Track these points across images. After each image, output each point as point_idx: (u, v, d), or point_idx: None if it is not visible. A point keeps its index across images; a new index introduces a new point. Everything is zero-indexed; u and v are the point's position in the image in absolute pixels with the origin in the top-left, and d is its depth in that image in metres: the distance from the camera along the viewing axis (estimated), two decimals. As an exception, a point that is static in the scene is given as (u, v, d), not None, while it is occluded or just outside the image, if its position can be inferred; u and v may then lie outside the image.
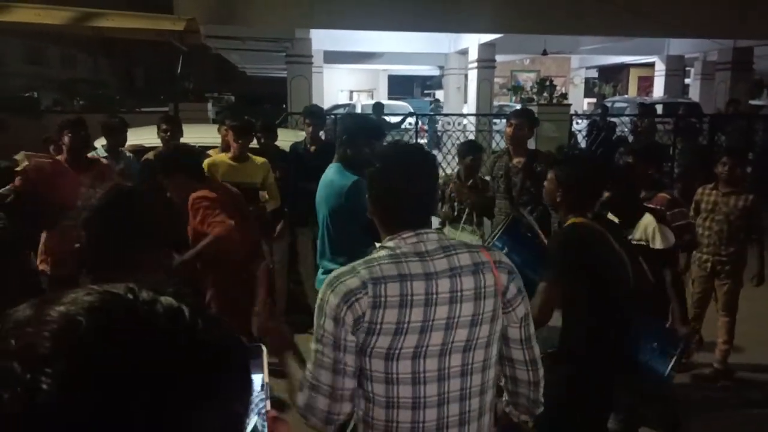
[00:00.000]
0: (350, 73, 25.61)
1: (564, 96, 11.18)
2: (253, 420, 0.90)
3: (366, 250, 3.30)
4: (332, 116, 10.04)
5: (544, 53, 16.15)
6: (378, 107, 12.42)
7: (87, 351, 0.50)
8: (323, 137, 6.11)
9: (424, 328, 1.63)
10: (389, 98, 23.90)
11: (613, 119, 11.90)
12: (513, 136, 4.85)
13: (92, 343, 0.50)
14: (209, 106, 9.93)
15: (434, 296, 1.64)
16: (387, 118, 11.93)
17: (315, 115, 5.74)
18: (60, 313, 0.52)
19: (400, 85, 28.58)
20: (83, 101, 11.45)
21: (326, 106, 16.99)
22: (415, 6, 11.22)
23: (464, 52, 15.97)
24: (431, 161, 1.89)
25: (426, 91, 30.03)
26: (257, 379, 0.94)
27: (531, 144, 5.70)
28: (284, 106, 15.96)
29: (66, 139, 4.34)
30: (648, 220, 3.63)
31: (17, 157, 2.82)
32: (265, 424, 0.95)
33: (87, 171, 4.36)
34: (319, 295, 1.67)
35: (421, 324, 1.62)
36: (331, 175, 3.41)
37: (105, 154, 5.40)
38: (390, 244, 1.73)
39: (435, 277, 1.65)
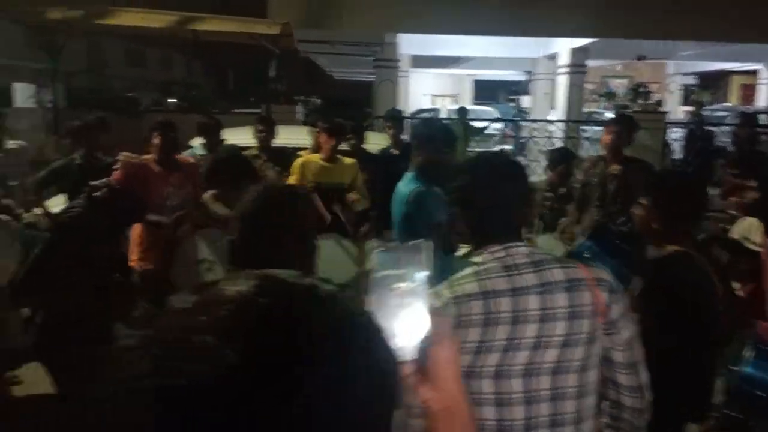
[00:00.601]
0: (434, 77, 25.56)
1: (659, 103, 10.71)
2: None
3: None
4: (414, 120, 10.04)
5: (639, 58, 15.53)
6: (462, 111, 12.32)
7: (265, 326, 0.54)
8: (405, 140, 6.13)
9: (509, 347, 1.54)
10: (474, 103, 23.68)
11: (711, 128, 11.28)
12: (611, 144, 4.66)
13: (269, 318, 0.54)
14: (298, 108, 10.15)
15: (522, 313, 1.55)
16: (472, 123, 11.81)
17: (395, 118, 5.78)
18: (237, 293, 0.57)
19: (484, 91, 28.26)
20: (180, 102, 11.94)
21: (411, 110, 17.02)
22: (506, 10, 11.04)
23: (554, 57, 15.59)
24: (520, 172, 1.79)
25: (511, 97, 29.58)
26: (420, 274, 0.92)
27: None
28: (368, 109, 16.12)
29: (156, 140, 4.49)
30: (751, 220, 3.42)
31: (120, 157, 2.99)
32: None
33: (175, 171, 4.52)
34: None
35: (506, 342, 1.53)
36: (401, 182, 3.44)
37: (202, 153, 5.60)
38: (477, 259, 1.65)
39: (523, 293, 1.56)
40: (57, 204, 4.53)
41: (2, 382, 3.75)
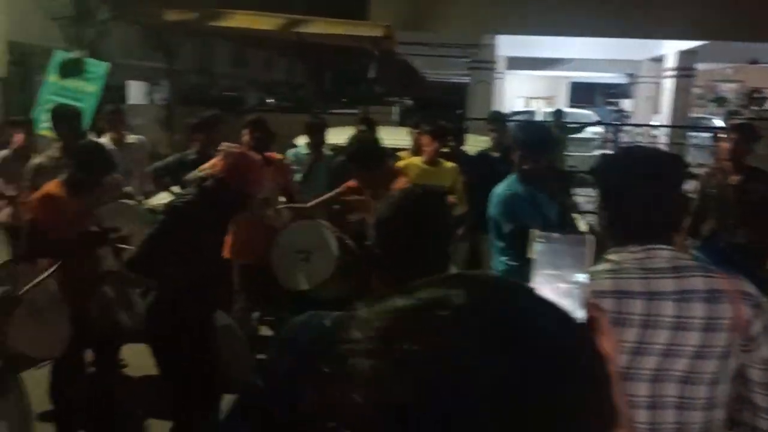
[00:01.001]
0: (529, 79, 25.07)
1: (777, 109, 10.05)
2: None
3: (502, 265, 3.27)
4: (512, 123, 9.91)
5: (752, 62, 14.63)
6: (558, 114, 12.06)
7: (522, 337, 0.49)
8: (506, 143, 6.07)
9: (637, 350, 1.49)
10: (570, 106, 23.06)
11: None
12: (730, 152, 4.44)
13: (524, 328, 0.49)
14: (395, 109, 10.25)
15: (654, 319, 1.49)
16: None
17: (499, 120, 5.71)
18: (461, 299, 0.51)
19: (581, 93, 27.44)
20: (283, 102, 12.34)
21: (505, 113, 16.78)
22: (611, 11, 10.70)
23: (659, 59, 14.96)
24: (673, 170, 1.68)
25: (609, 100, 28.56)
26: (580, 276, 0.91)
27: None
28: (459, 111, 16.03)
29: (246, 137, 4.66)
30: None
31: (221, 148, 3.11)
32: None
33: (265, 166, 4.72)
34: None
35: (636, 346, 1.49)
36: (500, 185, 3.41)
37: (306, 152, 5.77)
38: (614, 257, 1.60)
39: (658, 298, 1.50)
40: (166, 198, 4.81)
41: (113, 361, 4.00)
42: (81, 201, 3.55)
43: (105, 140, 5.44)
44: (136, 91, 15.85)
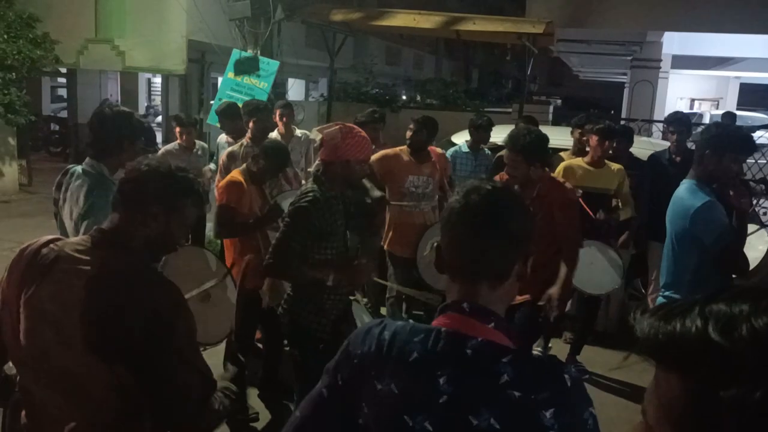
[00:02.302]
0: (693, 79, 23.33)
1: None
2: None
3: (707, 282, 2.92)
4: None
5: None
6: (729, 117, 11.11)
7: None
8: (690, 147, 5.68)
9: None
10: (738, 109, 21.18)
11: None
12: None
13: None
14: (550, 108, 10.00)
15: None
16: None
17: (681, 122, 5.35)
18: None
19: (753, 95, 25.13)
20: (435, 100, 12.47)
21: (665, 114, 15.77)
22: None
23: None
24: None
25: (787, 103, 25.91)
26: None
27: None
28: (612, 111, 15.27)
29: (409, 133, 4.87)
30: None
31: (313, 133, 3.06)
32: None
33: (426, 161, 4.86)
34: None
35: None
36: (682, 192, 3.07)
37: (466, 150, 5.80)
38: None
39: None
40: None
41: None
42: (260, 188, 3.93)
43: (274, 134, 5.81)
44: (296, 88, 16.78)
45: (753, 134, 11.20)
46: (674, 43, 13.35)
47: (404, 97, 14.40)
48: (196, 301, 2.66)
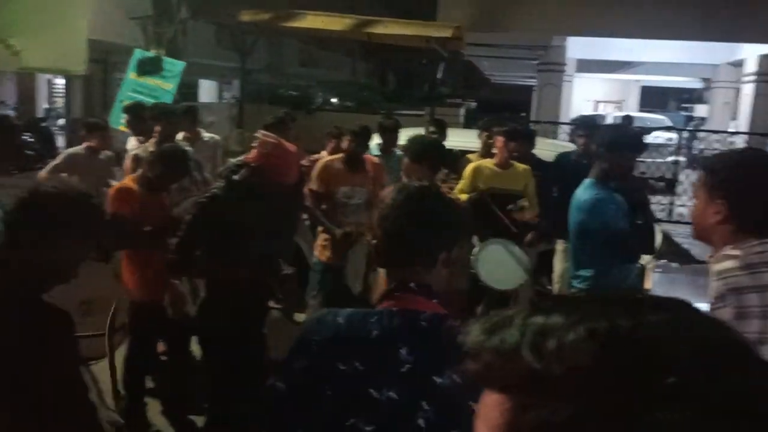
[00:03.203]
0: (598, 82, 24.48)
1: None
2: None
3: (606, 268, 3.17)
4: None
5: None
6: (627, 120, 11.74)
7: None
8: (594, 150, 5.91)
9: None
10: (640, 111, 22.38)
11: None
12: None
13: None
14: (461, 111, 10.17)
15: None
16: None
17: (588, 126, 5.55)
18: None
19: (652, 98, 26.62)
20: (349, 102, 12.44)
21: (572, 116, 16.43)
22: (689, 13, 10.31)
23: (738, 64, 14.33)
24: None
25: (683, 105, 27.55)
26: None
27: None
28: (523, 114, 15.77)
29: (346, 143, 4.78)
30: None
31: (256, 134, 3.04)
32: None
33: (361, 171, 4.74)
34: None
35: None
36: (580, 189, 3.31)
37: (378, 153, 5.77)
38: (736, 253, 1.65)
39: None
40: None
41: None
42: (155, 196, 3.72)
43: (179, 138, 5.59)
44: (207, 90, 16.36)
45: (650, 134, 11.91)
46: (578, 47, 13.90)
47: (320, 100, 14.30)
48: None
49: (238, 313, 2.96)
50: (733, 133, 11.82)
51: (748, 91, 13.47)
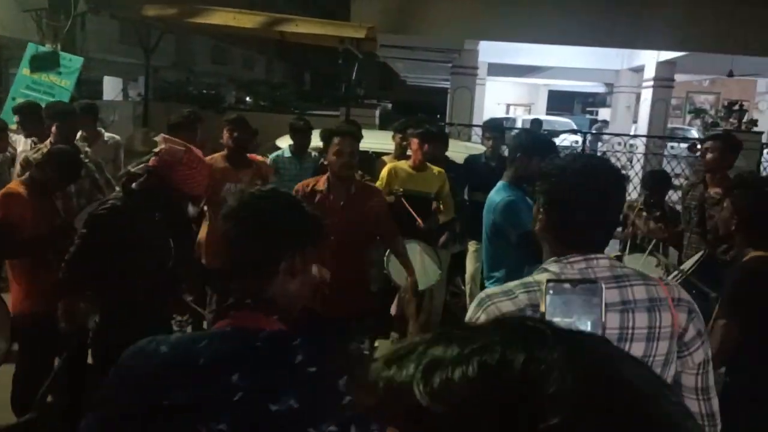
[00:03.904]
0: (509, 86, 25.23)
1: (754, 122, 10.19)
2: None
3: (518, 269, 3.24)
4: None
5: (730, 75, 14.84)
6: (536, 123, 12.14)
7: None
8: (504, 152, 6.00)
9: None
10: (548, 114, 23.24)
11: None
12: (711, 164, 4.40)
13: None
14: (376, 112, 10.16)
15: (601, 331, 1.42)
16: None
17: (496, 128, 5.63)
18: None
19: (559, 101, 27.70)
20: (263, 101, 12.20)
21: (484, 118, 16.82)
22: (593, 20, 10.76)
23: (638, 70, 15.11)
24: (620, 179, 1.67)
25: (588, 109, 28.85)
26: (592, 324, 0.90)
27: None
28: (438, 116, 16.00)
29: (226, 136, 4.60)
30: None
31: (156, 138, 2.87)
32: None
33: (245, 168, 4.61)
34: (468, 313, 1.54)
35: None
36: (493, 192, 3.37)
37: (289, 155, 5.65)
38: (553, 267, 1.52)
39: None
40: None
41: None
42: (45, 201, 3.47)
43: (78, 138, 5.27)
44: (112, 87, 15.59)
45: (558, 137, 12.35)
46: (490, 51, 14.23)
47: (233, 99, 13.95)
48: None
49: (137, 334, 2.75)
50: (633, 136, 12.42)
51: (646, 95, 14.21)
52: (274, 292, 1.32)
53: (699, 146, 9.73)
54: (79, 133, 5.33)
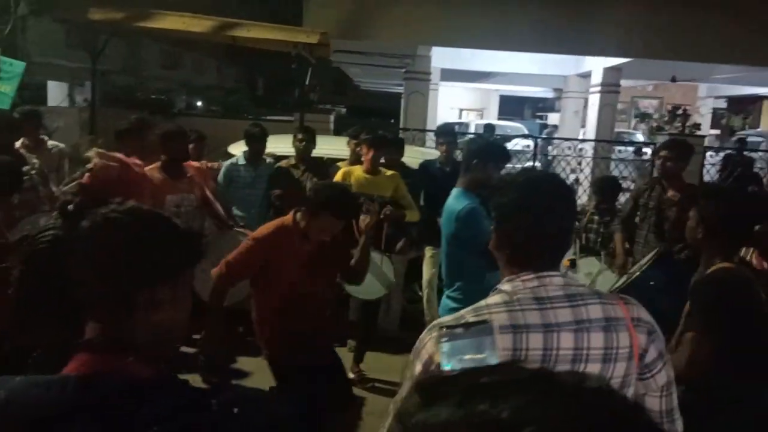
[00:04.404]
0: (461, 91, 25.51)
1: (697, 126, 10.55)
2: None
3: (480, 278, 3.23)
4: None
5: (673, 80, 15.33)
6: (489, 128, 12.30)
7: None
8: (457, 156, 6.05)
9: None
10: (499, 119, 23.59)
11: (750, 154, 11.10)
12: (668, 169, 4.56)
13: None
14: (331, 118, 10.13)
15: (553, 353, 1.41)
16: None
17: (449, 134, 5.69)
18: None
19: (510, 106, 28.15)
20: (215, 107, 11.99)
21: (437, 123, 16.96)
22: (541, 27, 10.96)
23: (586, 75, 15.47)
24: (566, 192, 1.64)
25: (538, 114, 29.43)
26: (490, 358, 0.87)
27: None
28: (393, 121, 16.05)
29: (161, 148, 4.56)
30: None
31: (89, 154, 2.75)
32: None
33: (182, 178, 4.59)
34: (420, 336, 1.47)
35: None
36: (451, 199, 3.35)
37: (244, 162, 5.57)
38: (506, 287, 1.51)
39: (556, 330, 1.43)
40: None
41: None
42: None
43: (19, 145, 5.08)
44: (58, 92, 15.09)
45: (510, 142, 12.53)
46: (443, 57, 14.35)
47: (183, 104, 13.67)
48: None
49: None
50: (582, 140, 12.70)
51: (594, 101, 14.55)
52: (134, 327, 1.14)
53: (644, 150, 10.04)
54: (20, 141, 5.14)
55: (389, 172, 5.05)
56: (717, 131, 25.40)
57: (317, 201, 3.22)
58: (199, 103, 12.86)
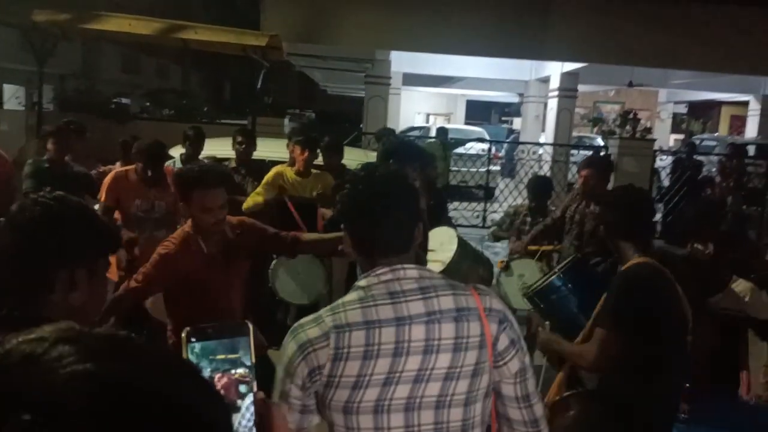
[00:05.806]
0: (428, 96, 25.65)
1: (648, 130, 10.76)
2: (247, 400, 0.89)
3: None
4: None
5: (630, 85, 15.60)
6: (442, 132, 12.48)
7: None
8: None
9: (388, 380, 1.45)
10: (466, 123, 23.75)
11: (700, 158, 11.35)
12: (584, 187, 4.66)
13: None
14: (286, 121, 10.11)
15: (405, 344, 1.45)
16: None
17: (386, 137, 5.73)
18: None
19: (477, 111, 28.36)
20: (170, 110, 11.91)
21: (401, 128, 17.01)
22: (499, 32, 11.09)
23: (545, 80, 15.67)
24: (410, 187, 1.65)
25: (504, 118, 29.71)
26: (245, 359, 0.91)
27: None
28: (362, 125, 16.10)
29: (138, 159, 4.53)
30: (744, 286, 3.32)
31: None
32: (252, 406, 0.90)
33: (156, 184, 4.53)
34: (285, 339, 1.51)
35: (386, 376, 1.44)
36: None
37: (180, 165, 5.54)
38: (363, 283, 1.52)
39: (408, 322, 1.46)
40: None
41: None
42: None
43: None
44: (10, 96, 14.85)
45: (465, 145, 12.67)
46: (404, 62, 14.41)
47: (138, 109, 13.55)
48: None
49: None
50: (538, 144, 12.86)
51: (552, 105, 14.74)
52: (50, 307, 1.24)
53: (601, 153, 10.20)
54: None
55: (321, 174, 5.11)
56: (681, 136, 25.92)
57: (182, 185, 2.86)
58: (147, 105, 12.80)
